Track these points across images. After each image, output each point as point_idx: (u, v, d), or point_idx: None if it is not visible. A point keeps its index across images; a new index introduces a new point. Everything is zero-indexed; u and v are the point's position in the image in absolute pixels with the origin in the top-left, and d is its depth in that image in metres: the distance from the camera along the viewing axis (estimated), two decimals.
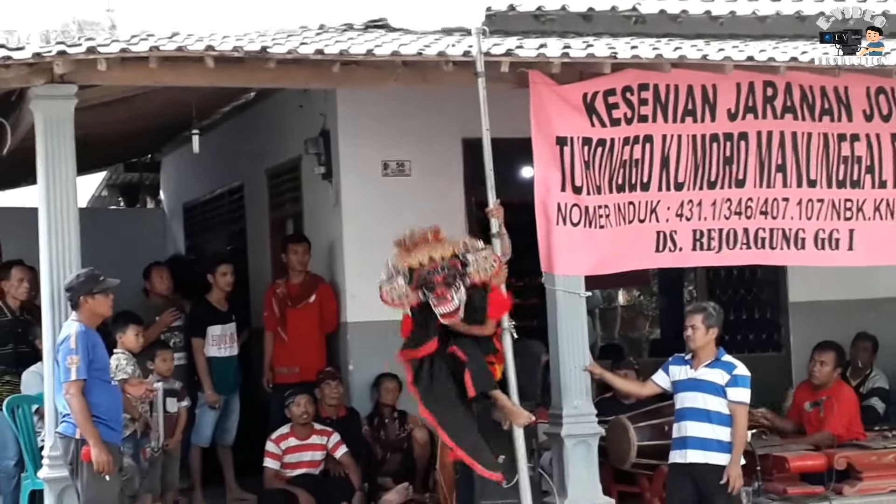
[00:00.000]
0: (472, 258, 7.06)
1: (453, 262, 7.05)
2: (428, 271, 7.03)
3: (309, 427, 9.29)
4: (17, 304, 9.27)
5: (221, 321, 9.83)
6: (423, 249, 7.12)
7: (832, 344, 9.51)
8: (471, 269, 7.03)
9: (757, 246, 8.21)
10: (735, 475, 7.77)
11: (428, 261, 7.06)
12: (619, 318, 16.56)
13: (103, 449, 7.00)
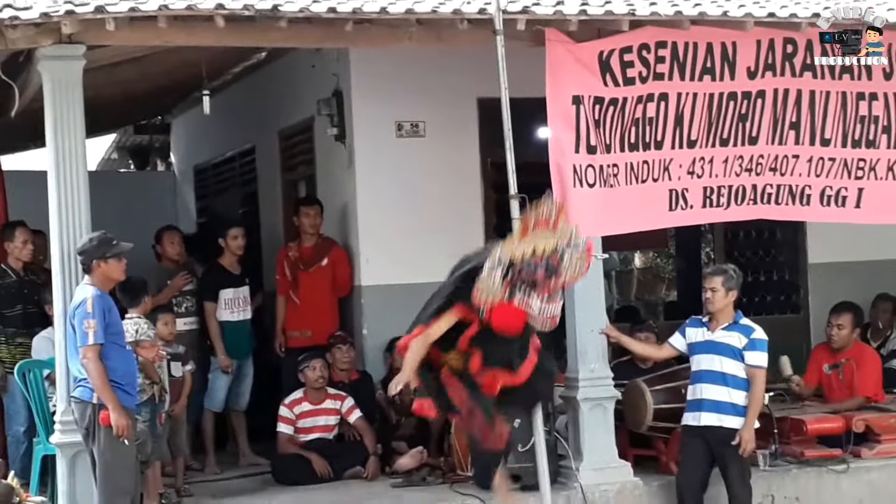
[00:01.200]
0: (568, 254, 6.13)
1: (554, 260, 6.10)
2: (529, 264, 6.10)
3: (322, 391, 9.23)
4: (19, 265, 9.21)
5: (234, 285, 9.76)
6: (536, 238, 6.17)
7: (848, 305, 9.41)
8: (564, 267, 6.12)
9: (763, 202, 8.20)
10: (748, 438, 7.75)
11: (531, 254, 6.12)
12: (636, 281, 16.49)
13: (122, 413, 6.97)
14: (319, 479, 8.88)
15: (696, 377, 7.97)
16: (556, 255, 6.14)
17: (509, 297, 6.14)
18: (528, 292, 6.14)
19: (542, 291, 6.11)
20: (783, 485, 8.60)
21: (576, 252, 6.18)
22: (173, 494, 8.43)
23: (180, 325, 9.21)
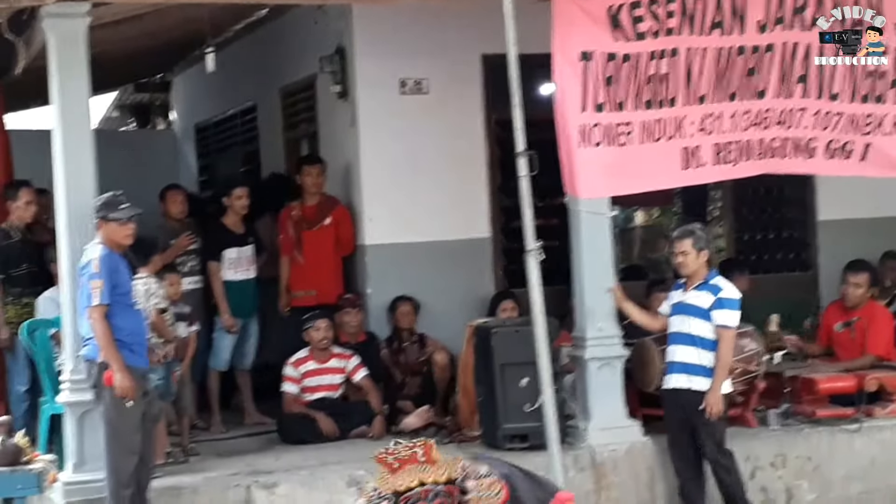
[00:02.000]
0: (472, 485, 5.53)
1: (449, 489, 5.51)
2: (417, 498, 5.47)
3: (328, 351, 9.19)
4: (23, 225, 9.15)
5: (237, 244, 9.68)
6: (412, 472, 5.56)
7: (866, 264, 9.35)
8: (471, 498, 5.49)
9: (769, 156, 8.12)
10: (713, 402, 7.66)
11: (418, 484, 5.51)
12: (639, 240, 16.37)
13: (126, 374, 6.93)
14: (325, 438, 8.85)
15: (670, 339, 7.93)
16: (453, 487, 5.50)
17: None
18: None
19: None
20: (795, 444, 8.56)
21: (482, 483, 5.50)
22: (179, 453, 8.42)
23: (185, 285, 9.19)
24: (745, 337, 8.55)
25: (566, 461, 7.87)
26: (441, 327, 9.62)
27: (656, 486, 8.17)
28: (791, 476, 8.51)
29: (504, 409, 8.22)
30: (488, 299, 9.84)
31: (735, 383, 8.48)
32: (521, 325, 8.24)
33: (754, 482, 8.43)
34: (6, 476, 6.65)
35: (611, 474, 8.14)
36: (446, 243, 9.85)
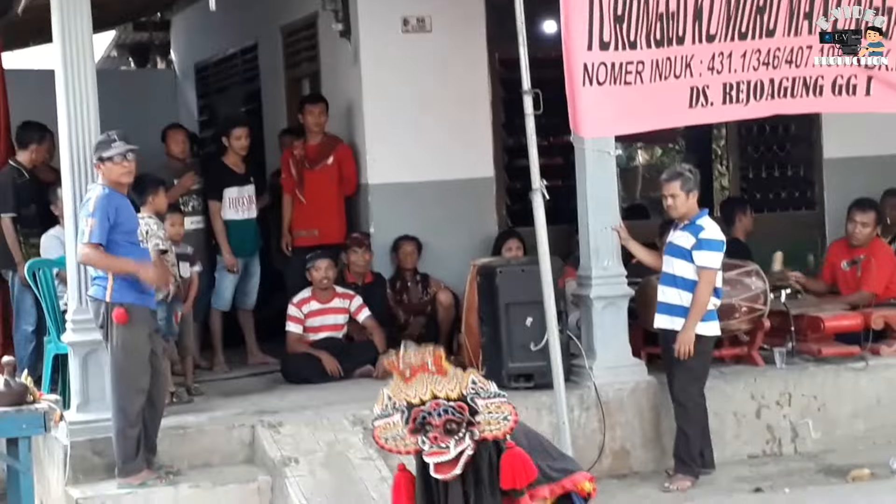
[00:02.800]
0: (482, 405, 5.57)
1: (460, 406, 5.54)
2: (428, 412, 5.54)
3: (331, 291, 9.16)
4: (32, 165, 9.17)
5: (238, 183, 9.63)
6: (424, 382, 5.57)
7: (872, 203, 9.29)
8: (480, 420, 5.55)
9: (780, 96, 8.02)
10: (683, 341, 7.61)
11: (430, 398, 5.55)
12: (641, 178, 16.33)
13: (146, 268, 6.96)
14: (329, 377, 8.85)
15: (660, 280, 7.89)
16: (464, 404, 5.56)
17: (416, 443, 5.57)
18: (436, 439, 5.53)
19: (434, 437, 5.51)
20: (800, 383, 8.55)
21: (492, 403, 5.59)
22: (184, 393, 8.43)
23: (187, 225, 9.16)
24: (750, 275, 8.53)
25: (571, 400, 7.87)
26: (444, 267, 9.60)
27: (661, 424, 8.16)
28: (796, 414, 8.51)
29: (509, 349, 8.20)
30: (492, 239, 9.81)
31: (740, 322, 8.49)
32: (526, 265, 8.22)
33: (760, 421, 8.44)
34: (11, 416, 6.62)
35: (616, 413, 8.13)
36: (449, 183, 9.79)
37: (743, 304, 8.42)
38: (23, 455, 6.66)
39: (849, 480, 7.81)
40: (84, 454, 7.27)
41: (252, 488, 7.24)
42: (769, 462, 8.30)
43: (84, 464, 7.27)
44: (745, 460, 8.31)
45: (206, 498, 7.13)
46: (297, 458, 7.24)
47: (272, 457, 7.28)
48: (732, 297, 8.26)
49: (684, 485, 7.72)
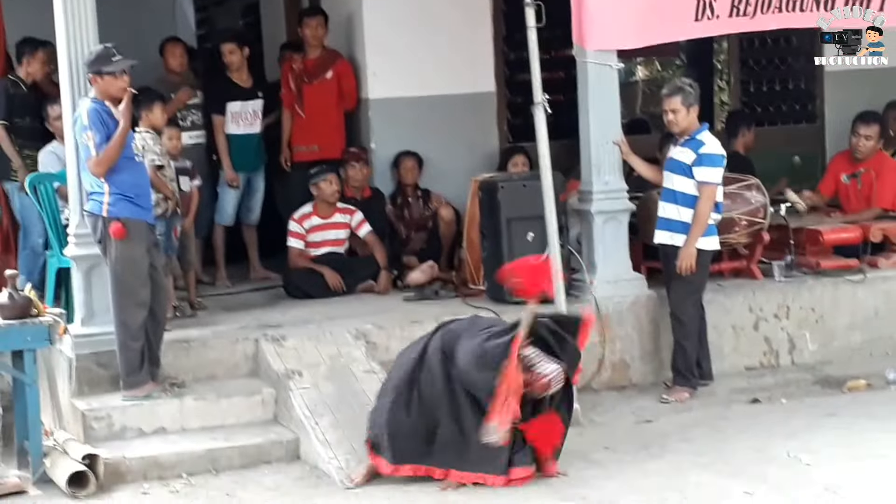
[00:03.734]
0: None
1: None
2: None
3: (332, 205, 9.17)
4: (31, 80, 9.11)
5: (241, 98, 9.58)
6: None
7: (877, 116, 9.28)
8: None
9: (788, 9, 7.97)
10: (684, 255, 7.64)
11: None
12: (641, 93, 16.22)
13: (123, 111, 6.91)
14: (331, 292, 8.89)
15: (661, 195, 7.90)
16: None
17: None
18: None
19: None
20: (799, 296, 8.61)
21: None
22: (187, 307, 8.46)
23: (186, 140, 9.12)
24: (750, 189, 8.54)
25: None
26: (445, 182, 9.59)
27: (660, 337, 8.22)
28: (794, 327, 8.58)
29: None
30: (493, 154, 9.81)
31: (740, 235, 8.52)
32: (528, 180, 8.23)
33: (758, 333, 8.51)
34: (16, 328, 6.67)
35: (616, 327, 8.19)
36: (450, 97, 9.75)
37: (743, 217, 8.45)
38: (28, 367, 6.72)
39: (845, 391, 7.90)
40: (89, 367, 7.33)
41: (256, 400, 7.31)
42: (766, 374, 8.39)
43: (89, 376, 7.33)
44: (742, 372, 8.39)
45: (210, 410, 7.21)
46: (301, 371, 7.31)
47: (276, 370, 7.35)
48: (732, 210, 8.28)
49: (682, 396, 7.80)
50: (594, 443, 6.98)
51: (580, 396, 7.58)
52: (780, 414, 7.43)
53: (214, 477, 6.73)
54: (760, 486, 6.07)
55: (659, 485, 6.19)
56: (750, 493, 5.99)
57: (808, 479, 6.17)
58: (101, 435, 7.02)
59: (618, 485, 6.23)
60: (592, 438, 7.07)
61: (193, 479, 6.69)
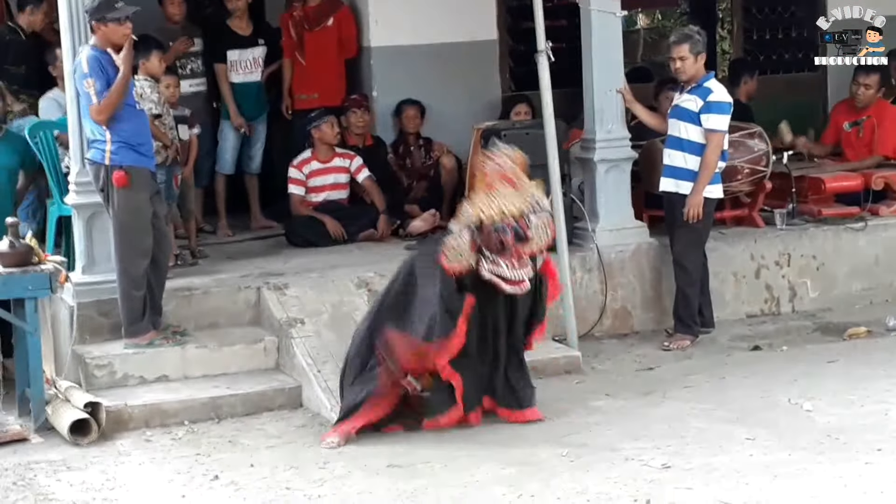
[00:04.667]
0: (535, 221, 6.06)
1: (523, 223, 6.03)
2: (497, 227, 5.99)
3: (331, 150, 9.14)
4: (30, 29, 9.07)
5: (240, 46, 9.52)
6: (499, 196, 6.03)
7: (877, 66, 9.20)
8: (532, 234, 6.05)
9: None
10: (692, 203, 7.63)
11: (500, 215, 6.01)
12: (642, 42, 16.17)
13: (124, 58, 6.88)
14: (333, 240, 8.88)
15: (666, 143, 7.88)
16: (523, 219, 6.05)
17: (476, 262, 6.04)
18: (496, 258, 6.04)
19: (510, 258, 6.02)
20: (800, 244, 8.61)
21: (541, 219, 6.12)
22: (188, 255, 8.45)
23: (186, 88, 9.06)
24: (752, 137, 8.52)
25: (574, 262, 7.95)
26: (447, 131, 9.55)
27: (662, 285, 8.24)
28: (795, 274, 8.60)
29: None
30: (495, 102, 9.77)
31: (742, 183, 8.50)
32: (530, 128, 8.19)
33: (759, 281, 8.53)
34: (17, 276, 6.66)
35: (618, 275, 8.20)
36: (452, 45, 9.69)
37: (745, 165, 8.43)
38: (29, 316, 6.72)
39: (845, 338, 7.93)
40: (90, 315, 7.33)
41: (258, 348, 7.33)
42: (767, 321, 8.41)
43: (91, 324, 7.33)
44: (743, 319, 8.42)
45: (212, 357, 7.22)
46: (303, 319, 7.31)
47: (278, 318, 7.36)
48: (735, 158, 8.26)
49: (684, 343, 7.82)
50: (595, 390, 7.00)
51: (582, 344, 7.64)
52: (781, 361, 7.45)
53: (217, 424, 6.75)
54: (762, 432, 6.09)
55: (660, 431, 6.21)
56: (751, 439, 6.01)
57: (810, 425, 6.19)
58: (102, 383, 7.04)
59: (619, 431, 6.25)
60: (594, 386, 7.10)
61: (196, 427, 6.71)
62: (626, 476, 5.61)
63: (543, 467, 5.79)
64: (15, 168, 8.20)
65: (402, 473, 5.83)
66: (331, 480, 5.81)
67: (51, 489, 5.90)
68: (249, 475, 5.93)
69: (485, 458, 5.97)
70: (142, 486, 5.91)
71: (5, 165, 8.03)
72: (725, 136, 7.73)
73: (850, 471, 5.52)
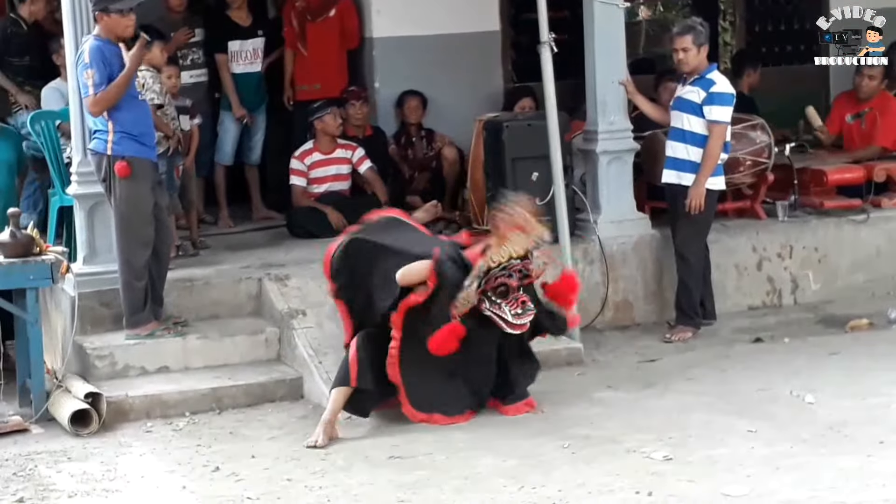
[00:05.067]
0: (537, 254, 6.28)
1: (525, 264, 6.20)
2: (504, 271, 6.14)
3: (333, 141, 9.13)
4: (32, 18, 9.04)
5: (240, 36, 9.50)
6: (511, 242, 6.18)
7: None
8: (533, 268, 6.25)
9: None
10: (694, 194, 7.62)
11: (507, 261, 6.16)
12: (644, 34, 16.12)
13: (132, 56, 6.89)
14: (334, 231, 8.83)
15: (668, 135, 7.87)
16: (528, 260, 6.22)
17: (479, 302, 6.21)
18: (500, 302, 6.20)
19: (513, 303, 6.18)
20: (802, 236, 8.61)
21: (541, 254, 6.33)
22: (189, 246, 8.44)
23: (186, 79, 9.06)
24: (755, 129, 8.51)
25: (576, 254, 7.94)
26: (449, 122, 9.53)
27: (664, 277, 8.23)
28: (797, 266, 8.59)
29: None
30: (497, 94, 9.75)
31: (744, 175, 8.49)
32: (533, 119, 8.18)
33: (761, 273, 8.52)
34: (18, 267, 6.67)
35: (619, 266, 8.19)
36: (455, 36, 9.67)
37: (747, 157, 8.42)
38: (30, 306, 6.72)
39: (847, 330, 7.92)
40: (91, 306, 7.33)
41: (260, 339, 7.33)
42: (769, 313, 8.40)
43: (92, 315, 7.33)
44: (745, 311, 8.41)
45: (214, 348, 7.22)
46: (305, 310, 7.32)
47: (279, 309, 7.35)
48: (737, 150, 8.25)
49: (685, 335, 7.81)
50: (597, 382, 7.00)
51: (584, 335, 7.63)
52: (783, 353, 7.44)
53: (218, 416, 6.76)
54: (764, 425, 6.09)
55: (662, 423, 6.20)
56: (753, 432, 6.00)
57: (812, 418, 6.19)
58: (103, 374, 7.04)
59: (621, 423, 6.24)
60: (595, 378, 7.10)
61: (197, 418, 6.72)
62: (627, 468, 5.61)
63: (545, 459, 5.79)
64: (13, 163, 8.20)
65: (404, 465, 5.83)
66: (332, 472, 5.80)
67: (51, 480, 5.91)
68: (250, 466, 5.94)
69: (486, 449, 5.97)
70: (142, 478, 5.91)
71: (6, 160, 8.03)
72: (728, 128, 7.72)
73: (852, 464, 5.51)
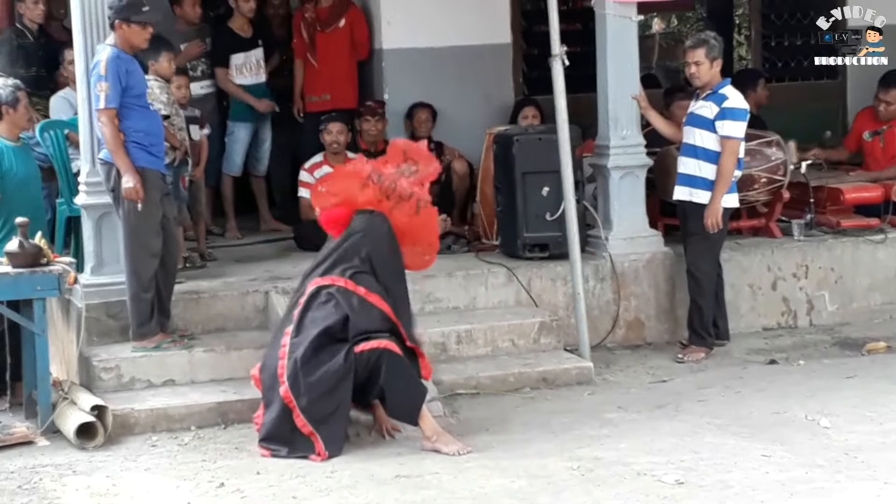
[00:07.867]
0: None
1: None
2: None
3: (342, 155, 9.06)
4: (35, 26, 8.98)
5: (243, 49, 9.45)
6: None
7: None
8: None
9: None
10: (711, 212, 7.53)
11: None
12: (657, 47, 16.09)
13: (133, 176, 6.83)
14: None
15: (681, 150, 7.79)
16: None
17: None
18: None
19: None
20: (818, 255, 8.51)
21: None
22: (197, 258, 8.39)
23: (196, 89, 9.02)
24: (770, 146, 8.43)
25: (587, 271, 7.86)
26: (459, 135, 9.48)
27: (676, 295, 8.14)
28: (813, 287, 8.49)
29: (524, 219, 8.13)
30: (508, 107, 9.68)
31: (759, 193, 8.40)
32: (544, 133, 8.11)
33: (776, 293, 8.43)
34: (26, 277, 6.61)
35: (631, 284, 8.11)
36: (465, 48, 9.63)
37: (762, 174, 8.34)
38: (38, 316, 6.66)
39: (864, 353, 7.82)
40: (98, 317, 7.27)
41: None
42: (784, 334, 8.31)
43: (98, 326, 7.27)
44: (759, 332, 8.32)
45: (220, 361, 7.14)
46: None
47: None
48: (752, 167, 8.17)
49: (698, 356, 7.72)
50: (607, 402, 6.91)
51: (594, 354, 7.55)
52: (798, 375, 7.34)
53: (223, 430, 6.68)
54: (778, 449, 5.99)
55: (673, 445, 6.11)
56: (767, 456, 5.90)
57: (827, 442, 6.09)
58: (109, 386, 6.98)
59: (631, 445, 6.14)
60: (606, 398, 7.01)
61: (202, 433, 6.64)
62: (638, 491, 5.52)
63: (553, 480, 5.71)
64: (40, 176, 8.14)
65: (410, 484, 5.75)
66: (337, 490, 5.73)
67: (56, 494, 5.84)
68: (256, 483, 5.86)
69: (494, 469, 5.88)
70: (147, 493, 5.83)
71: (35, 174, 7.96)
72: (741, 144, 7.63)
73: (868, 490, 5.42)
